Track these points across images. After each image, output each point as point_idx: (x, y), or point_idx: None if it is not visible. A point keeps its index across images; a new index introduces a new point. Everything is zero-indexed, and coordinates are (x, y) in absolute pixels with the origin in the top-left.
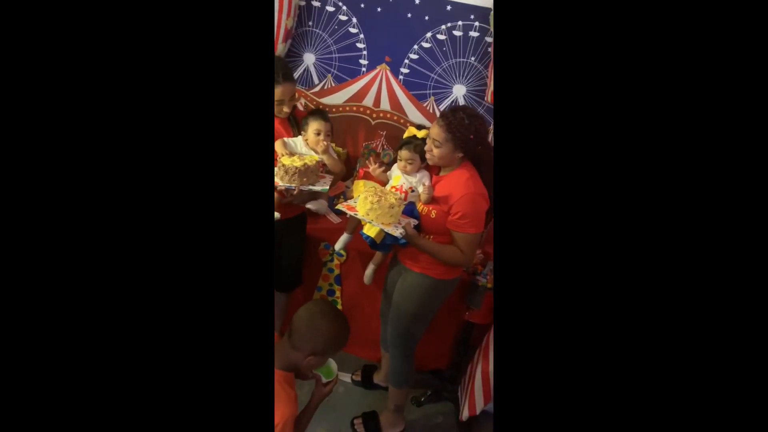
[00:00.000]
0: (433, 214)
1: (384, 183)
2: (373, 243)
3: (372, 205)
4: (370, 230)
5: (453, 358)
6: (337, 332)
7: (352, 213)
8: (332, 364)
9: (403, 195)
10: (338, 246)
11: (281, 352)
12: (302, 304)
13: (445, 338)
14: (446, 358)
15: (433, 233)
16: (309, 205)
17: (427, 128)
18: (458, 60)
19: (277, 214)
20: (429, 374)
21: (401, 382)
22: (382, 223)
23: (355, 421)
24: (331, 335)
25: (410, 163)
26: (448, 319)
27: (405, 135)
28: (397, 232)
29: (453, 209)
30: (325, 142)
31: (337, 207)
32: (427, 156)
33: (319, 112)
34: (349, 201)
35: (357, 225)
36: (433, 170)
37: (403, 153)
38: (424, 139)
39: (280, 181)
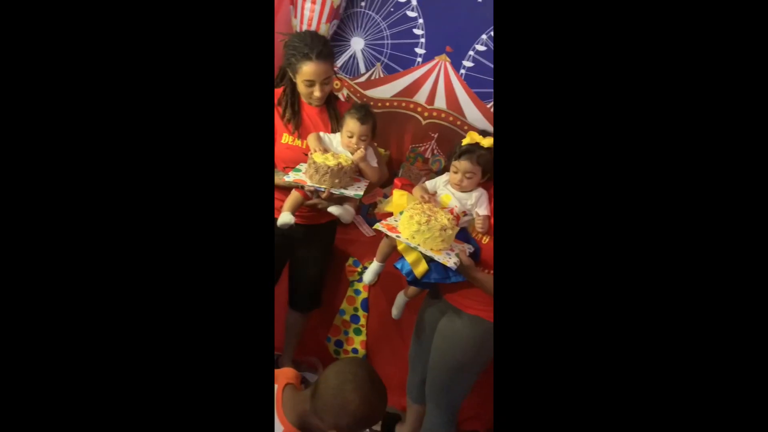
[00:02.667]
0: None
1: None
2: (413, 279)
3: (419, 227)
4: (410, 259)
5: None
6: (370, 413)
7: (393, 235)
8: None
9: (453, 218)
10: (367, 279)
11: (300, 411)
12: (319, 327)
13: (486, 396)
14: (486, 419)
15: (492, 267)
16: (331, 209)
17: (492, 134)
18: None
19: (290, 218)
20: None
21: None
22: (431, 249)
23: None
24: (362, 415)
25: (469, 178)
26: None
27: (464, 141)
28: (450, 261)
29: None
30: (359, 153)
31: (375, 227)
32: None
33: (358, 110)
34: (389, 219)
35: (391, 251)
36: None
37: (462, 164)
38: (489, 149)
39: (308, 180)
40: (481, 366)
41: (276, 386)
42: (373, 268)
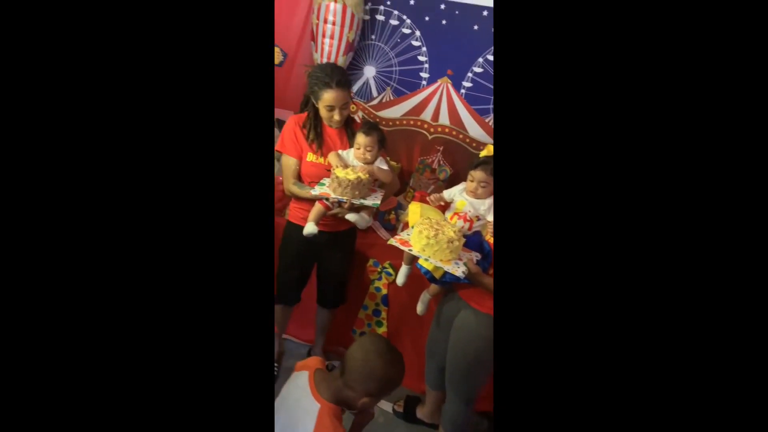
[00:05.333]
0: None
1: (445, 209)
2: (432, 278)
3: (428, 241)
4: (428, 267)
5: None
6: (394, 374)
7: (405, 249)
8: None
9: (467, 225)
10: (400, 281)
11: (334, 388)
12: (345, 321)
13: None
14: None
15: None
16: (348, 217)
17: None
18: None
19: (314, 228)
20: (479, 415)
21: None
22: (440, 261)
23: (396, 405)
24: (387, 377)
25: (483, 187)
26: None
27: (482, 154)
28: (459, 270)
29: None
30: (367, 156)
31: (389, 242)
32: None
33: (364, 125)
34: (401, 233)
35: (414, 256)
36: None
37: (477, 174)
38: None
39: (332, 193)
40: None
41: (308, 373)
42: (402, 271)
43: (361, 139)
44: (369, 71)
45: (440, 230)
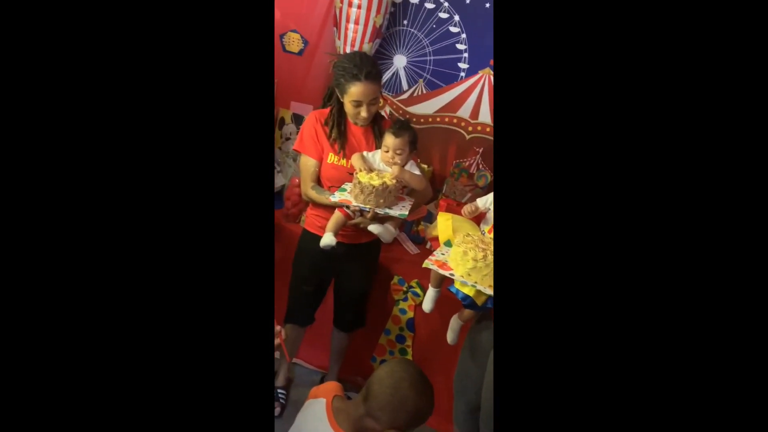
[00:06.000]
0: None
1: (479, 220)
2: (471, 304)
3: (475, 264)
4: (469, 293)
5: None
6: (425, 407)
7: (445, 273)
8: None
9: None
10: (427, 307)
11: (355, 417)
12: (364, 347)
13: None
14: None
15: None
16: (371, 228)
17: None
18: None
19: (332, 239)
20: None
21: None
22: (489, 286)
23: None
24: (417, 409)
25: None
26: None
27: None
28: None
29: None
30: (396, 160)
31: (425, 265)
32: None
33: (394, 124)
34: (436, 254)
35: (445, 277)
36: None
37: None
38: None
39: (353, 200)
40: None
41: (325, 400)
42: (429, 295)
43: (389, 140)
44: (399, 61)
45: (488, 250)
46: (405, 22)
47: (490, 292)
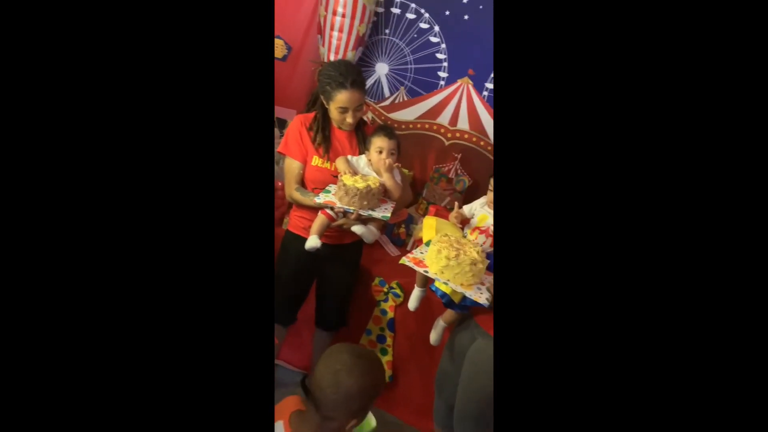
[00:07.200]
0: None
1: (465, 225)
2: (449, 302)
3: (448, 262)
4: (445, 290)
5: None
6: (372, 381)
7: (420, 270)
8: (370, 416)
9: (489, 240)
10: (412, 305)
11: (311, 424)
12: None
13: None
14: None
15: None
16: (354, 229)
17: None
18: None
19: (317, 242)
20: None
21: None
22: (461, 285)
23: None
24: (365, 389)
25: None
26: None
27: None
28: (482, 297)
29: None
30: (388, 161)
31: (402, 261)
32: None
33: (383, 128)
34: (415, 251)
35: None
36: None
37: None
38: None
39: (338, 202)
40: None
41: (281, 422)
42: (415, 294)
43: (383, 142)
44: (381, 69)
45: (461, 250)
46: (387, 31)
47: (462, 290)
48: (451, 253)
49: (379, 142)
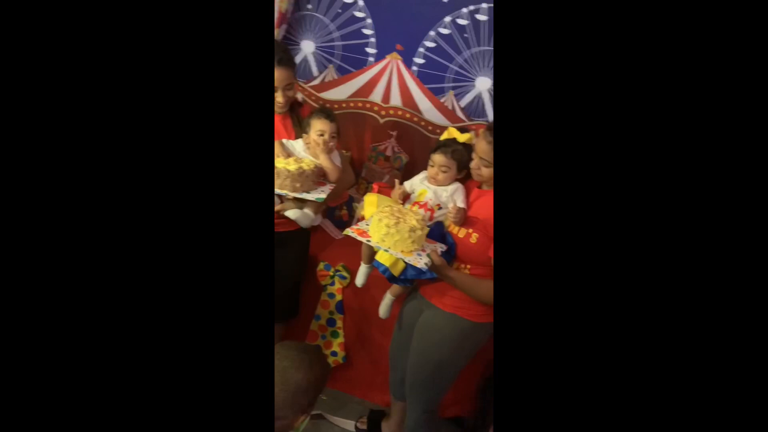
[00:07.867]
0: (473, 239)
1: (406, 200)
2: (391, 276)
3: (388, 230)
4: (385, 258)
5: (477, 405)
6: (318, 374)
7: (363, 239)
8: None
9: (428, 214)
10: (359, 281)
11: None
12: (296, 335)
13: (468, 381)
14: (469, 404)
15: (472, 263)
16: (288, 214)
17: (470, 131)
18: (482, 48)
19: None
20: (448, 422)
21: None
22: (402, 251)
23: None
24: (313, 383)
25: (444, 172)
26: (471, 359)
27: (442, 137)
28: (421, 262)
29: None
30: (330, 144)
31: (345, 232)
32: (474, 175)
33: (324, 111)
34: (359, 224)
35: (374, 252)
36: (473, 183)
37: (437, 158)
38: (465, 144)
39: None
40: (461, 363)
41: None
42: (362, 270)
43: (324, 125)
44: (307, 47)
45: (402, 218)
46: (309, 6)
47: (402, 256)
48: (391, 221)
49: (319, 125)
